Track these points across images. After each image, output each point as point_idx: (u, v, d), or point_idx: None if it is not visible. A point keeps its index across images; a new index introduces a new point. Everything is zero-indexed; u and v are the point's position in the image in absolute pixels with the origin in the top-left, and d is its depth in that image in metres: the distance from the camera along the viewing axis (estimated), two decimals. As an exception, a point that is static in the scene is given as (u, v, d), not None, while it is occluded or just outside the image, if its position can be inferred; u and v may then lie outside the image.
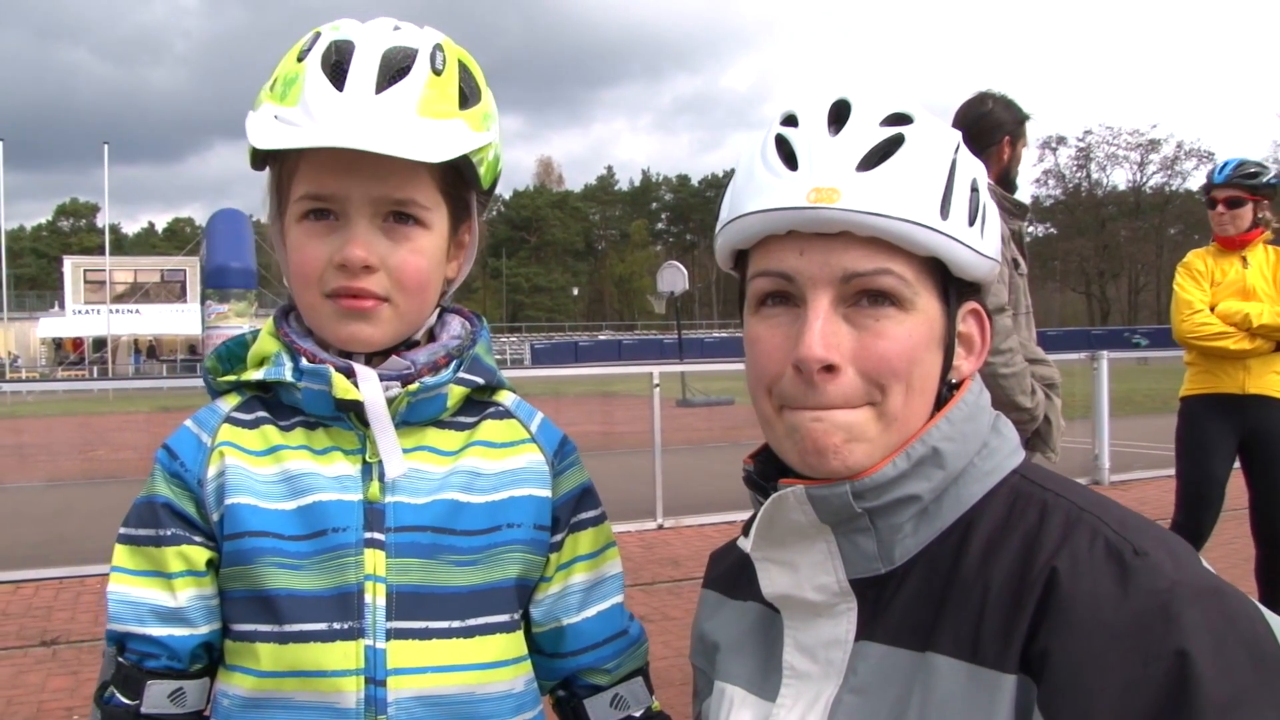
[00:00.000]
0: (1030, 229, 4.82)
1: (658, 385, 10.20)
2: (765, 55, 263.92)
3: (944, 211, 1.08)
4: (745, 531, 1.20)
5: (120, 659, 1.37)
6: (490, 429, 1.46)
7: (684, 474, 11.49)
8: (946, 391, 1.17)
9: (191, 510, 1.38)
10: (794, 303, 1.12)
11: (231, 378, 1.44)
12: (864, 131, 1.10)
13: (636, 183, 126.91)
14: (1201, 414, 5.54)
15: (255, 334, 1.46)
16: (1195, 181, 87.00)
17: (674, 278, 30.36)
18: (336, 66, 1.30)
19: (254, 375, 1.41)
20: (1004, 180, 4.36)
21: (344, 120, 1.26)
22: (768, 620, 1.25)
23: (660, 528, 9.65)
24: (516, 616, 1.44)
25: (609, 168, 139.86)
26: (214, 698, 1.39)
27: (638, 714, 1.53)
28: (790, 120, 1.15)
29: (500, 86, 1.43)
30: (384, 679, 1.31)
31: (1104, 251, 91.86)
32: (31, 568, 8.19)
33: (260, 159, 1.37)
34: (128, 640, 1.36)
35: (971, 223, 1.11)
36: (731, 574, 1.35)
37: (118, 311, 57.88)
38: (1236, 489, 5.57)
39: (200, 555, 1.37)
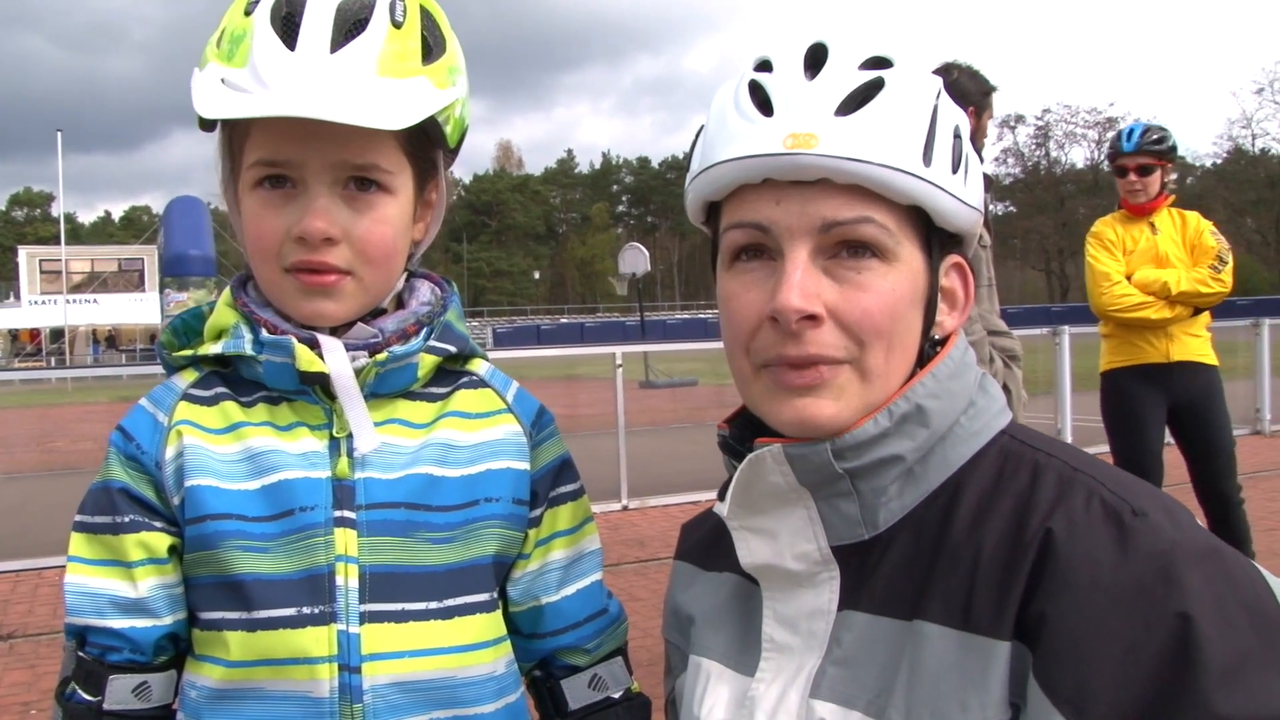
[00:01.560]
0: (991, 206, 4.82)
1: (620, 366, 10.18)
2: (728, 36, 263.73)
3: (926, 158, 1.04)
4: (721, 496, 1.15)
5: (80, 653, 1.30)
6: (464, 399, 1.39)
7: (648, 455, 11.47)
8: (929, 349, 1.12)
9: (150, 495, 1.30)
10: (770, 256, 1.06)
11: (188, 352, 1.36)
12: (842, 75, 1.05)
13: (597, 165, 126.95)
14: (1129, 386, 5.46)
15: (213, 305, 1.38)
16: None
17: (635, 259, 30.33)
18: (287, 21, 1.21)
19: (212, 349, 1.32)
20: None
21: (296, 85, 1.18)
22: (745, 592, 1.20)
23: (625, 509, 9.61)
24: (495, 595, 1.37)
25: (569, 150, 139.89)
26: (181, 690, 1.32)
27: (616, 695, 1.46)
28: (764, 66, 1.09)
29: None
30: (359, 665, 1.24)
31: (1063, 229, 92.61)
32: (-12, 560, 8.05)
33: (210, 121, 1.28)
34: (88, 633, 1.29)
35: (955, 170, 1.07)
36: (705, 544, 1.30)
37: (75, 301, 57.08)
38: (1175, 461, 5.54)
39: (161, 542, 1.30)
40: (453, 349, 1.38)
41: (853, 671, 1.05)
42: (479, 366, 1.44)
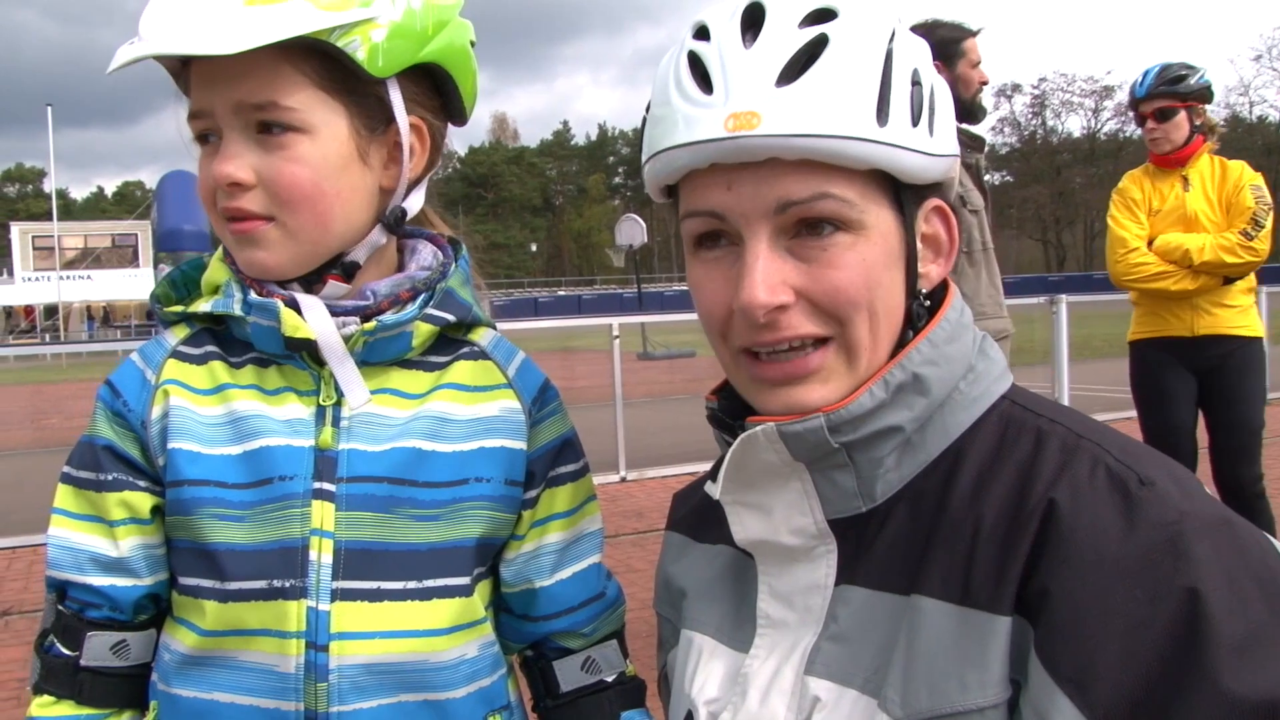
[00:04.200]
0: (987, 176, 4.63)
1: (617, 336, 10.15)
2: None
3: (881, 116, 0.97)
4: (713, 475, 1.10)
5: (60, 607, 1.28)
6: (463, 370, 1.34)
7: (646, 426, 11.46)
8: (917, 305, 1.07)
9: (135, 453, 1.27)
10: (731, 240, 1.02)
11: (179, 308, 1.32)
12: (782, 38, 0.98)
13: (594, 137, 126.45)
14: (1154, 359, 4.98)
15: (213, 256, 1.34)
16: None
17: (632, 230, 30.18)
18: None
19: (202, 306, 1.29)
20: (955, 108, 4.16)
21: (161, 26, 1.15)
22: (740, 565, 1.17)
23: (623, 480, 9.62)
24: (471, 580, 1.31)
25: (565, 122, 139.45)
26: (157, 650, 1.30)
27: (610, 678, 1.42)
28: (702, 32, 1.03)
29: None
30: (325, 644, 1.20)
31: (1059, 198, 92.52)
32: (-17, 538, 8.01)
33: (184, 87, 1.25)
34: (68, 588, 1.28)
35: (916, 122, 1.00)
36: (698, 514, 1.26)
37: (68, 278, 56.91)
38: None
39: (145, 502, 1.27)
40: (451, 318, 1.32)
41: (849, 648, 1.02)
42: (482, 336, 1.39)
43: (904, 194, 1.03)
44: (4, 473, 12.22)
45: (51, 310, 55.37)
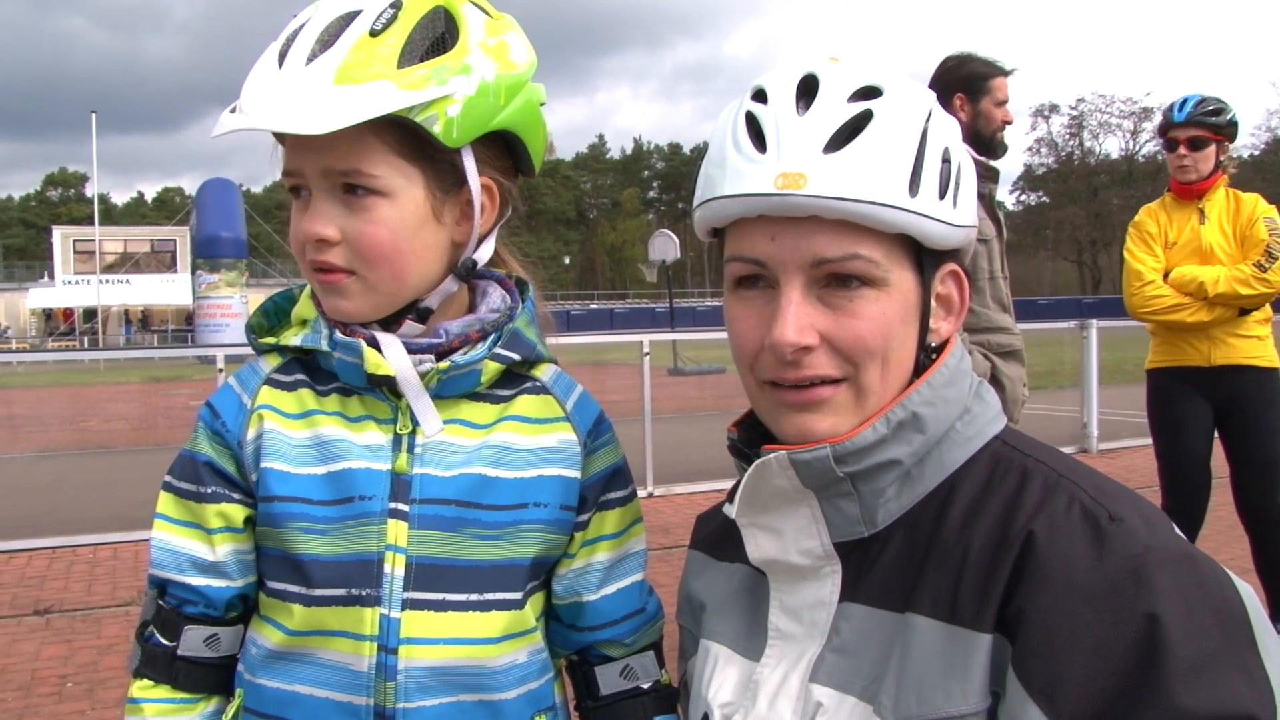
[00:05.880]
0: (1023, 197, 4.64)
1: (648, 354, 10.20)
2: (769, 21, 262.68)
3: (913, 188, 1.08)
4: (730, 498, 1.21)
5: (161, 602, 1.42)
6: (525, 404, 1.46)
7: (675, 442, 11.49)
8: (925, 357, 1.18)
9: (232, 469, 1.40)
10: (768, 284, 1.13)
11: (271, 340, 1.44)
12: (831, 109, 1.09)
13: (629, 151, 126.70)
14: (1171, 389, 5.05)
15: (303, 288, 1.45)
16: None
17: (665, 246, 30.20)
18: (289, 40, 1.28)
19: (292, 340, 1.41)
20: (974, 141, 4.06)
21: (260, 99, 1.26)
22: (754, 582, 1.28)
23: (651, 495, 9.67)
24: (524, 594, 1.43)
25: (600, 136, 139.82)
26: (245, 644, 1.43)
27: (646, 685, 1.53)
28: (760, 95, 1.14)
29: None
30: (395, 647, 1.32)
31: (1096, 220, 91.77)
32: (24, 538, 8.19)
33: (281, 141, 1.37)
34: (168, 586, 1.41)
35: (943, 195, 1.11)
36: (718, 535, 1.37)
37: (108, 282, 57.28)
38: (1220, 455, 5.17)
39: (239, 513, 1.40)
40: (517, 357, 1.43)
41: (850, 659, 1.13)
42: (544, 372, 1.50)
43: (925, 257, 1.14)
44: (44, 474, 12.40)
45: (90, 313, 55.82)
